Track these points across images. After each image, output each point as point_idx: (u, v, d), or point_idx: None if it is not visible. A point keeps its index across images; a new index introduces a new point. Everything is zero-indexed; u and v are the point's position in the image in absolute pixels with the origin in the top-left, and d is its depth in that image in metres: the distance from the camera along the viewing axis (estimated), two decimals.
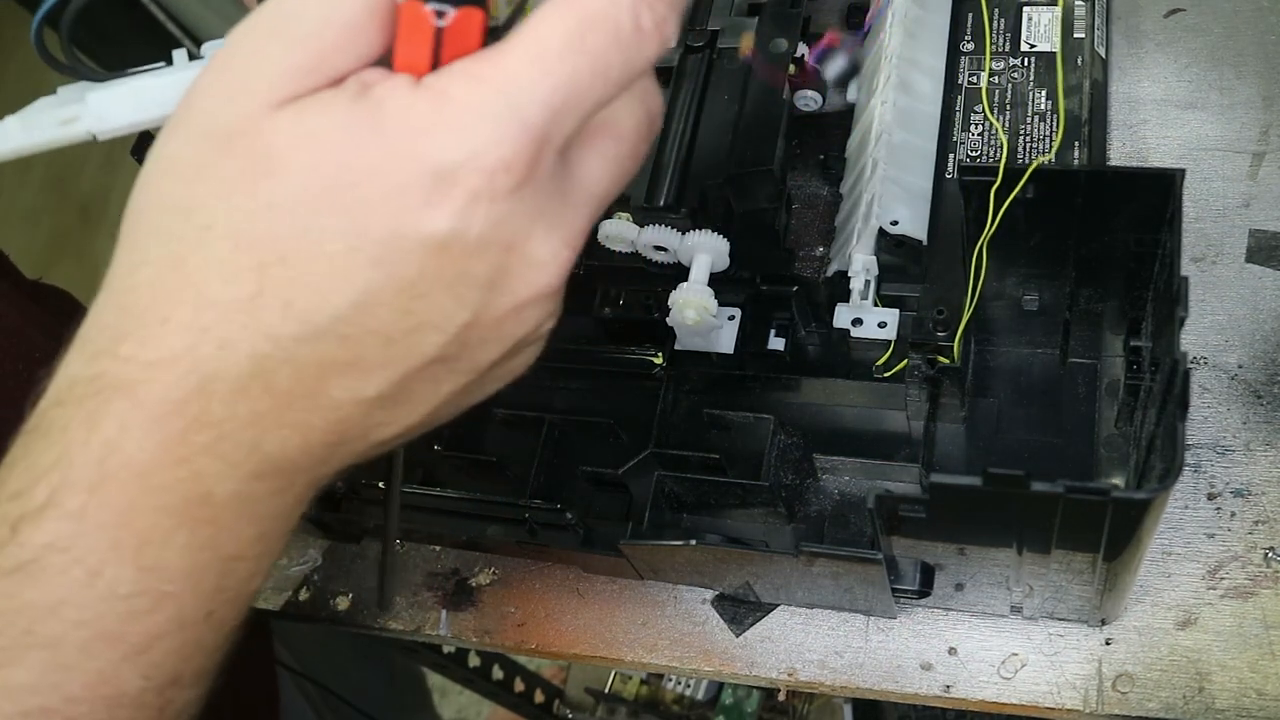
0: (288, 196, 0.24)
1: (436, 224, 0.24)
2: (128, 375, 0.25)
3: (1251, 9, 0.57)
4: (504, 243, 0.25)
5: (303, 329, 0.25)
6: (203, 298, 0.25)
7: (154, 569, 0.25)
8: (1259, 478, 0.47)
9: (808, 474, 0.50)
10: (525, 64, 0.24)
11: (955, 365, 0.44)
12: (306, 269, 0.24)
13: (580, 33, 0.24)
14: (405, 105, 0.24)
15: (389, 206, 0.24)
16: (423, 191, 0.24)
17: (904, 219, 0.47)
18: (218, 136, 0.25)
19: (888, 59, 0.51)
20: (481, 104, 0.24)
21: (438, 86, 0.24)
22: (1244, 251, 0.52)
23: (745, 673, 0.50)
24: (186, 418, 0.25)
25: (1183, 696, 0.44)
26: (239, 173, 0.24)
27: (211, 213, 0.25)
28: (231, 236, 0.24)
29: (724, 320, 0.49)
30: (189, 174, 0.25)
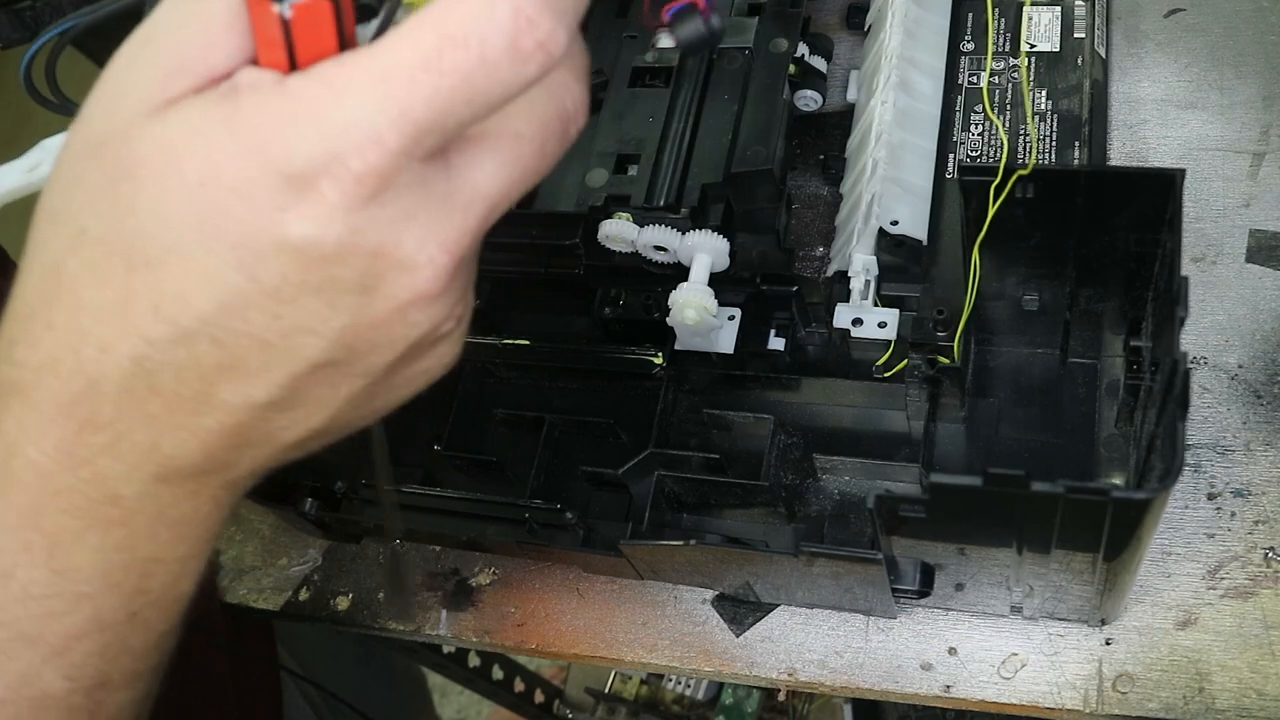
0: (147, 200, 0.24)
1: (291, 229, 0.24)
2: (21, 379, 0.26)
3: (1252, 9, 0.57)
4: (369, 249, 0.25)
5: (173, 331, 0.25)
6: (79, 302, 0.25)
7: (67, 571, 0.26)
8: (1259, 478, 0.47)
9: (808, 474, 0.50)
10: (377, 80, 0.24)
11: (955, 365, 0.44)
12: (169, 272, 0.24)
13: (437, 52, 0.23)
14: (260, 105, 0.24)
15: (242, 209, 0.24)
16: (275, 195, 0.24)
17: (904, 219, 0.47)
18: (91, 145, 0.25)
19: (888, 59, 0.51)
20: (335, 110, 0.23)
21: (294, 88, 0.24)
22: (1244, 251, 0.52)
23: (745, 673, 0.50)
24: (79, 419, 0.26)
25: (1183, 697, 0.44)
26: (105, 179, 0.25)
27: (83, 219, 0.25)
28: (101, 242, 0.25)
29: (724, 320, 0.49)
30: (66, 183, 0.26)
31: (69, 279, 0.25)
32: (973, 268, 0.44)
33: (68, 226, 0.25)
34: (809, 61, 0.56)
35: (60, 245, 0.26)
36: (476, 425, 0.54)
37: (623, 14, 0.55)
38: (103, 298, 0.25)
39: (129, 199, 0.24)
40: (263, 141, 0.24)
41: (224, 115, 0.24)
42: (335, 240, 0.24)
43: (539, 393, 0.54)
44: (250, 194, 0.24)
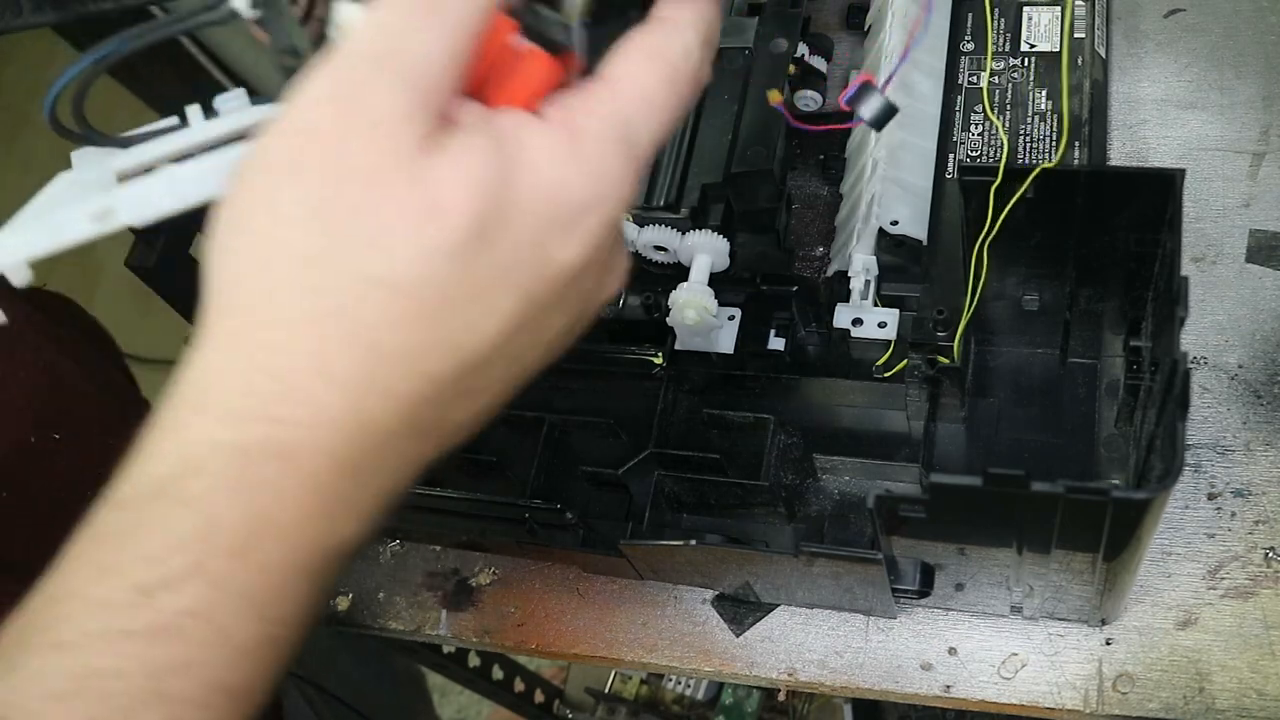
0: (448, 239, 0.24)
1: (571, 255, 0.26)
2: (285, 438, 0.24)
3: (1251, 9, 0.57)
4: (604, 261, 0.28)
5: (461, 367, 0.25)
6: (372, 349, 0.24)
7: (275, 620, 0.25)
8: (1259, 478, 0.47)
9: (808, 474, 0.50)
10: (638, 103, 0.27)
11: (955, 365, 0.44)
12: (468, 309, 0.25)
13: (672, 76, 0.28)
14: (548, 146, 0.26)
15: (535, 243, 0.25)
16: (564, 227, 0.26)
17: (904, 219, 0.47)
18: (359, 181, 0.24)
19: (888, 59, 0.51)
20: (608, 143, 0.26)
21: (570, 123, 0.26)
22: (1244, 251, 0.52)
23: (745, 673, 0.50)
24: (342, 475, 0.25)
25: (1183, 697, 0.44)
26: (400, 220, 0.24)
27: (368, 262, 0.24)
28: (395, 285, 0.24)
29: (724, 320, 0.49)
30: (328, 222, 0.24)
31: (355, 328, 0.24)
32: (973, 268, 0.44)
33: (343, 273, 0.24)
34: (809, 61, 0.56)
35: (333, 292, 0.24)
36: None
37: None
38: (398, 342, 0.24)
39: (432, 241, 0.24)
40: (555, 180, 0.25)
41: (511, 157, 0.25)
42: (597, 255, 0.27)
43: (539, 393, 0.54)
44: (547, 230, 0.25)
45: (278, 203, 0.24)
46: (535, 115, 0.26)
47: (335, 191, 0.24)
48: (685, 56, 0.28)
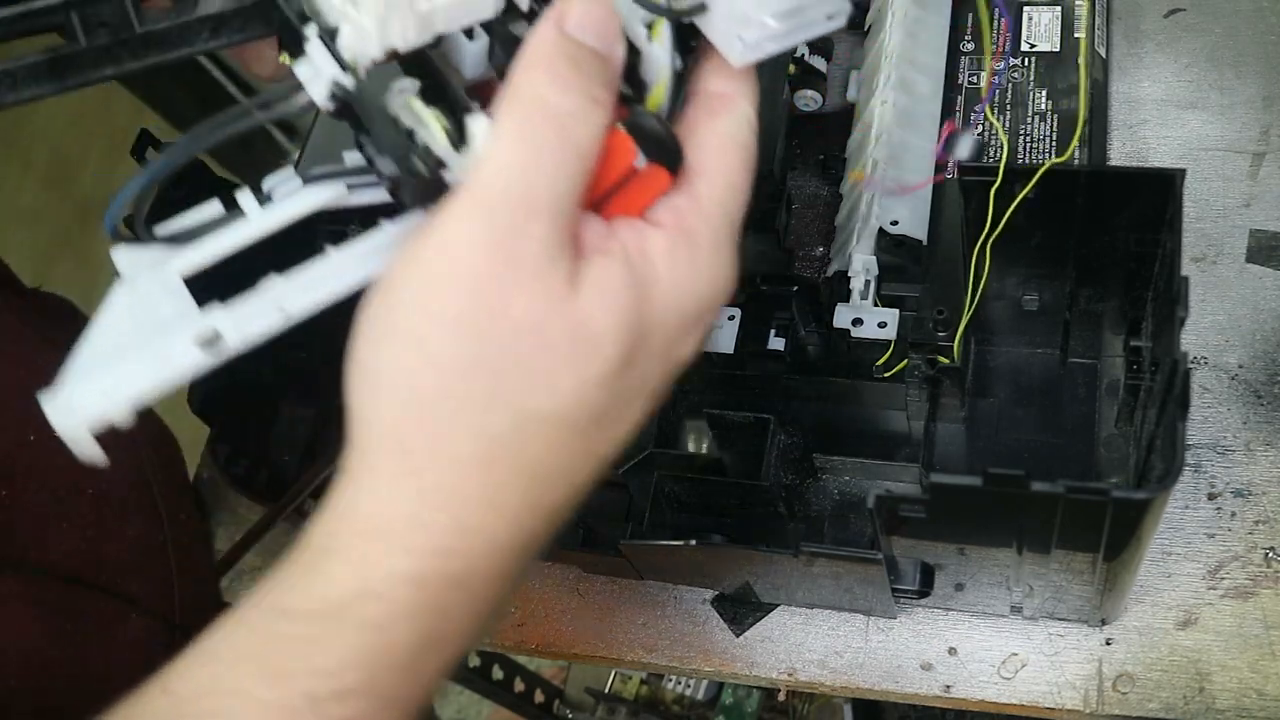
0: (605, 371, 0.26)
1: (691, 349, 0.29)
2: (459, 568, 0.26)
3: (1251, 9, 0.57)
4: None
5: (600, 467, 0.28)
6: (535, 476, 0.27)
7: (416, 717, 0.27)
8: (1259, 477, 0.47)
9: (808, 474, 0.50)
10: (730, 193, 0.29)
11: (955, 365, 0.44)
12: (613, 422, 0.28)
13: (748, 157, 0.30)
14: (670, 258, 0.28)
15: (669, 350, 0.28)
16: (690, 329, 0.28)
17: (904, 219, 0.47)
18: (522, 330, 0.26)
19: (888, 59, 0.51)
20: (719, 241, 0.29)
21: (683, 229, 0.28)
22: (1244, 251, 0.52)
23: (745, 672, 0.50)
24: (503, 586, 0.27)
25: (1183, 697, 0.44)
26: (559, 359, 0.26)
27: (533, 401, 0.26)
28: (557, 418, 0.26)
29: (724, 320, 0.49)
30: (493, 370, 0.26)
31: (521, 460, 0.26)
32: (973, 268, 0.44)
33: (510, 413, 0.26)
34: (809, 61, 0.56)
35: (505, 434, 0.26)
36: None
37: None
38: (554, 464, 0.27)
39: (585, 374, 0.26)
40: (676, 298, 0.28)
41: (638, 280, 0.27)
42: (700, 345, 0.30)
43: None
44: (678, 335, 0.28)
45: (440, 355, 0.26)
46: (651, 224, 0.28)
47: (500, 342, 0.26)
48: (751, 132, 0.30)
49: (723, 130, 0.30)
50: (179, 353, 0.27)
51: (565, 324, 0.26)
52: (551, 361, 0.26)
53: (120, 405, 0.27)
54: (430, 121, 0.26)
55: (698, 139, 0.29)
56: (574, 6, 0.27)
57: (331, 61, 0.27)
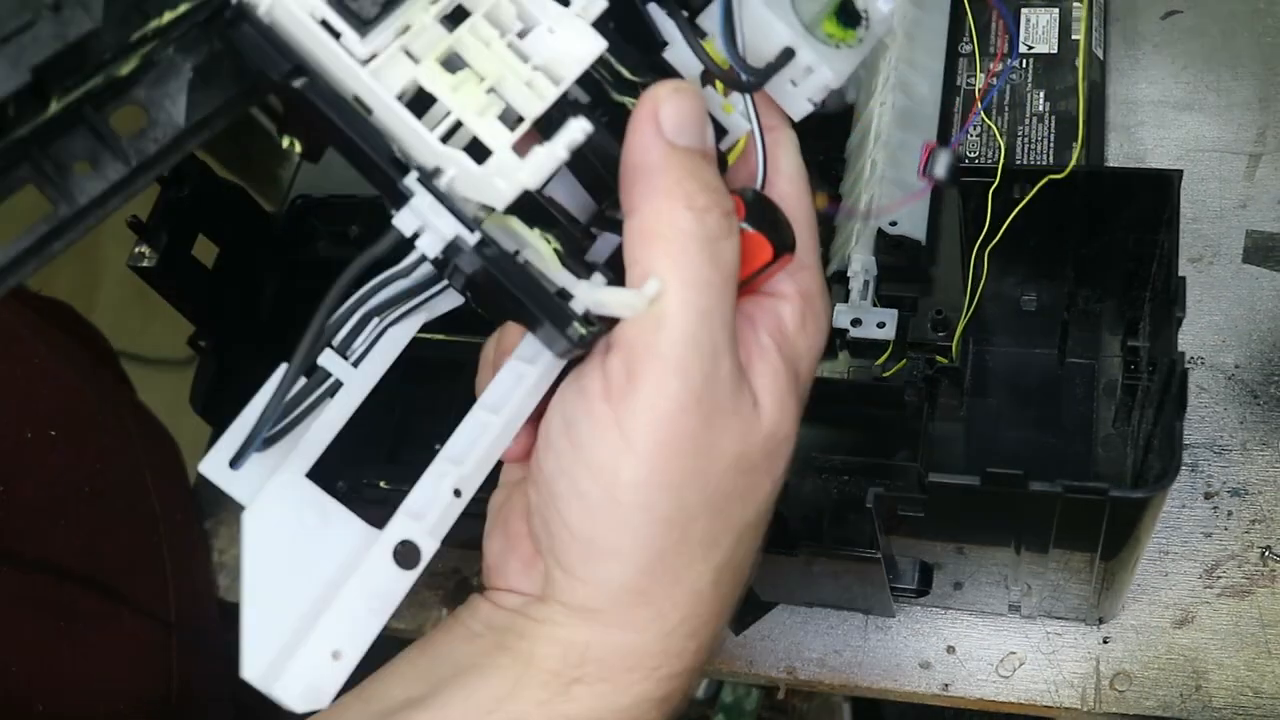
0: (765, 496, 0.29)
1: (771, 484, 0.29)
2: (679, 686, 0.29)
3: (1248, 11, 0.57)
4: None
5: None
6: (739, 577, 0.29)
7: None
8: (1256, 477, 0.47)
9: (807, 474, 0.50)
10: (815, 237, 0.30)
11: (954, 365, 0.45)
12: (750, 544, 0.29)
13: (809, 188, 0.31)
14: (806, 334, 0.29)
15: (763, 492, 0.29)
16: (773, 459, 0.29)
17: (903, 220, 0.47)
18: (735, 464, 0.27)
19: (887, 60, 0.52)
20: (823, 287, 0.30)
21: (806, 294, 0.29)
22: (1241, 252, 0.52)
23: (745, 671, 0.50)
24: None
25: (1180, 695, 0.45)
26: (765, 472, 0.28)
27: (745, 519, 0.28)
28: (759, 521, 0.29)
29: None
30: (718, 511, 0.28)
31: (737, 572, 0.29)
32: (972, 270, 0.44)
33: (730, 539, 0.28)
34: None
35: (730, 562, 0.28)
36: None
37: None
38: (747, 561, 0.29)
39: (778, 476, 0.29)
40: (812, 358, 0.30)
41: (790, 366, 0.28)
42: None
43: None
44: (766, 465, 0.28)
45: (671, 517, 0.27)
46: (777, 298, 0.29)
47: (718, 487, 0.27)
48: (799, 155, 0.30)
49: (787, 169, 0.30)
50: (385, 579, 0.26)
51: (762, 444, 0.27)
52: (756, 480, 0.28)
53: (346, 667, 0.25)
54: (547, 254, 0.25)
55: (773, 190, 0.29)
56: (667, 104, 0.26)
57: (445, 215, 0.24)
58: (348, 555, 0.26)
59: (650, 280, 0.25)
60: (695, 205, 0.25)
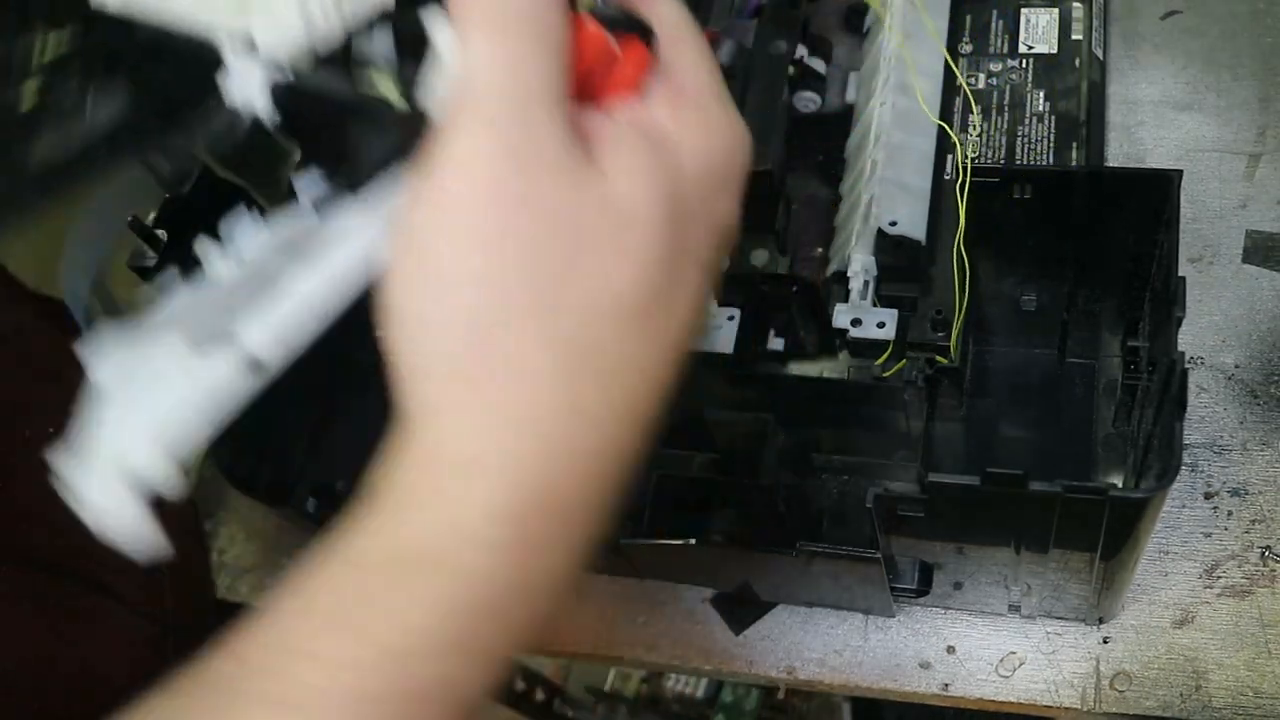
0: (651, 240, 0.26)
1: (725, 209, 0.28)
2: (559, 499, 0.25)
3: (1248, 11, 0.57)
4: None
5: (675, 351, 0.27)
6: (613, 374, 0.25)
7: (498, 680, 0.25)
8: (1256, 477, 0.47)
9: (807, 474, 0.50)
10: (697, 40, 0.29)
11: (954, 365, 0.45)
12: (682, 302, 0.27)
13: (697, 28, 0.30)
14: (678, 120, 0.27)
15: (708, 210, 0.27)
16: (720, 187, 0.28)
17: (903, 219, 0.47)
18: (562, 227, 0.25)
19: (887, 61, 0.52)
20: (714, 89, 0.29)
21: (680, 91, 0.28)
22: (1241, 252, 0.52)
23: (745, 671, 0.50)
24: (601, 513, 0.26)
25: (1180, 695, 0.45)
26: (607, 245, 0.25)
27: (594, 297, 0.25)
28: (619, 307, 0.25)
29: (724, 320, 0.49)
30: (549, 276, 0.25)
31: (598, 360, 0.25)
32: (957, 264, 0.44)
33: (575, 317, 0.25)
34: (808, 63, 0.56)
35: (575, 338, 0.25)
36: None
37: None
38: (630, 354, 0.25)
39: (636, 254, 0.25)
40: (700, 156, 0.27)
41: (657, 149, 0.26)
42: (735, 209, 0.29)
43: None
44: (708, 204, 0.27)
45: (488, 273, 0.24)
46: (650, 95, 0.28)
47: (544, 244, 0.24)
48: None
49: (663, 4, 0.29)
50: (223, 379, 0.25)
51: (601, 207, 0.25)
52: (597, 248, 0.25)
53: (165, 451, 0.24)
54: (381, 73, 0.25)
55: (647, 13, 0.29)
56: None
57: (257, 65, 0.25)
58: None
59: (439, 27, 0.25)
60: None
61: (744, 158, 0.29)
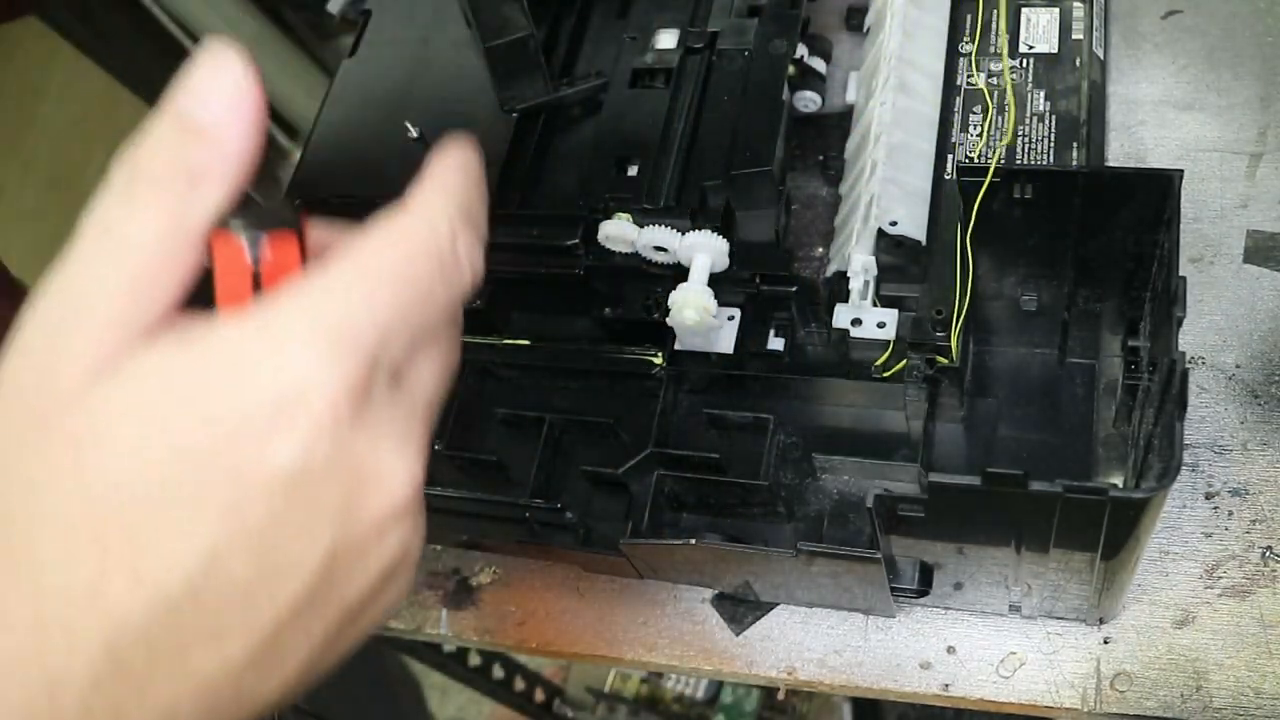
0: (124, 466, 0.23)
1: (281, 457, 0.23)
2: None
3: (1249, 10, 0.57)
4: (352, 467, 0.24)
5: (153, 601, 0.22)
6: (42, 589, 0.22)
7: None
8: (1256, 477, 0.47)
9: (807, 474, 0.50)
10: (355, 290, 0.24)
11: (954, 365, 0.45)
12: (152, 536, 0.22)
13: (408, 259, 0.25)
14: (234, 341, 0.24)
15: (231, 449, 0.23)
16: (263, 425, 0.23)
17: (903, 219, 0.47)
18: (33, 417, 0.23)
19: (886, 60, 0.52)
20: (314, 330, 0.24)
21: (261, 315, 0.24)
22: (1241, 252, 0.52)
23: (745, 671, 0.50)
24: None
25: (1180, 695, 0.45)
26: (60, 451, 0.23)
27: (41, 497, 0.23)
28: (67, 517, 0.22)
29: (724, 320, 0.49)
30: (6, 466, 0.23)
31: (27, 567, 0.22)
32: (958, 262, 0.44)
33: (18, 509, 0.23)
34: (808, 63, 0.56)
35: (8, 531, 0.23)
36: (476, 425, 0.54)
37: (623, 15, 0.56)
38: (71, 580, 0.22)
39: (100, 468, 0.23)
40: (246, 374, 0.23)
41: (192, 360, 0.23)
42: (324, 460, 0.24)
43: (539, 393, 0.55)
44: (240, 431, 0.23)
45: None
46: (234, 314, 0.24)
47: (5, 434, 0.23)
48: (429, 237, 0.26)
49: (386, 228, 0.26)
50: None
51: (74, 412, 0.23)
52: (54, 452, 0.23)
53: None
54: None
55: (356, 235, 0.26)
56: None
57: None
58: None
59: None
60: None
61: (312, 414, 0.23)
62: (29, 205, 1.14)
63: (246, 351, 0.23)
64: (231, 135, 0.25)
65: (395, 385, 0.26)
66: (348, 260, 0.25)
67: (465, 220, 0.27)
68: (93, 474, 0.22)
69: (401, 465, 0.26)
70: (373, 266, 0.25)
